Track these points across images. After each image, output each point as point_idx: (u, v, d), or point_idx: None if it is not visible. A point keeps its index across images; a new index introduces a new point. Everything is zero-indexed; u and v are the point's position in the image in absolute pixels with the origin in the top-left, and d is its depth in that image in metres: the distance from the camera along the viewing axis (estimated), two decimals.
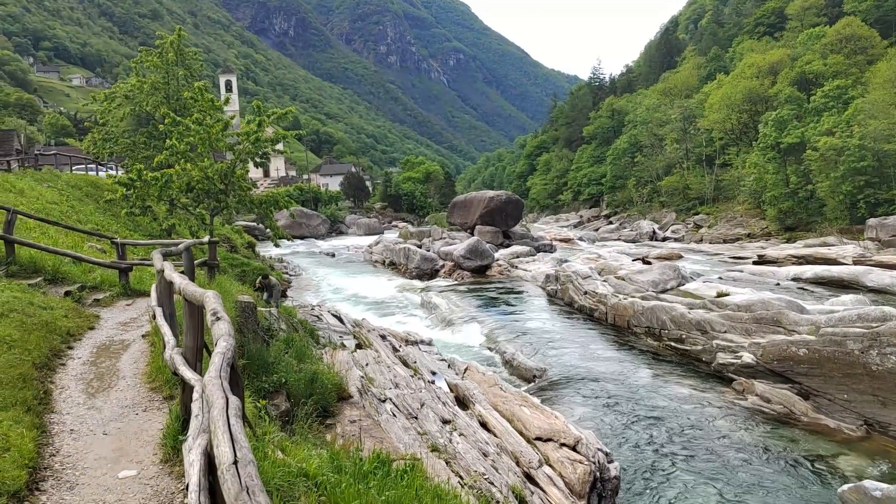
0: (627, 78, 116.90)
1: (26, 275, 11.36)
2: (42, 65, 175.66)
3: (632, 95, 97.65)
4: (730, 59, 78.36)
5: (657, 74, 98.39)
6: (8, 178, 24.94)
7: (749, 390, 15.54)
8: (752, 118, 60.55)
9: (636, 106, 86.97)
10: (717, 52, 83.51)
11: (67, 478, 4.39)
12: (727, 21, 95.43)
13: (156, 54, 30.32)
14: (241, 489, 1.50)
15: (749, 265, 36.41)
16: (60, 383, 6.59)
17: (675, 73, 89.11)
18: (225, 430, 1.79)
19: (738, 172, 58.98)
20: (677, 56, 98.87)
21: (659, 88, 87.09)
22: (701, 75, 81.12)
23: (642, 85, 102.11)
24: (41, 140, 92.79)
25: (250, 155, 20.89)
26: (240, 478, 1.55)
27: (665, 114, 75.41)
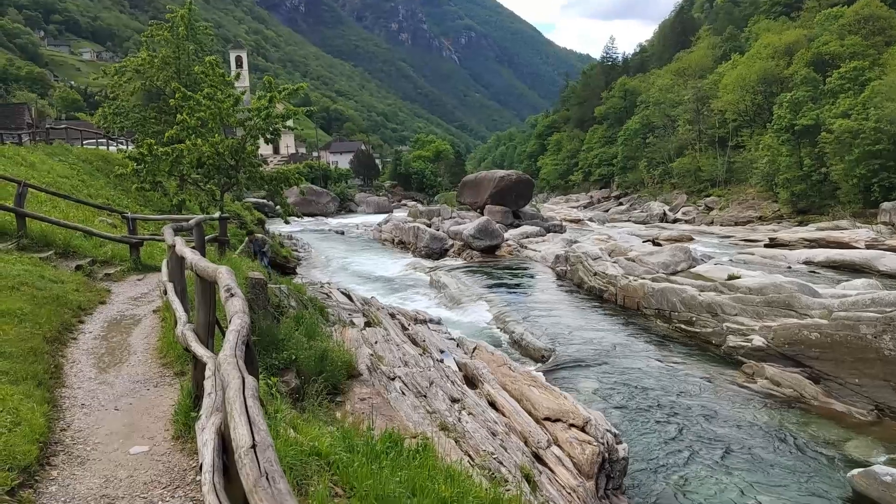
0: (641, 57, 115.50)
1: (37, 248, 11.36)
2: (53, 38, 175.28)
3: (645, 75, 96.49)
4: (745, 39, 77.15)
5: (671, 54, 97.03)
6: (19, 151, 24.95)
7: (759, 374, 15.46)
8: (767, 100, 59.75)
9: (649, 86, 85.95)
10: (733, 32, 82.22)
11: (78, 453, 4.37)
12: (743, 0, 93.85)
13: (166, 28, 30.10)
14: (260, 475, 1.44)
15: (760, 248, 36.16)
16: (72, 357, 6.58)
17: (689, 53, 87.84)
18: (242, 412, 1.73)
19: (751, 154, 58.36)
20: (692, 35, 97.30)
21: (672, 68, 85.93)
22: (715, 55, 79.97)
23: (656, 65, 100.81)
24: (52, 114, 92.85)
25: (261, 131, 20.80)
26: (258, 463, 1.49)
27: (678, 94, 74.51)
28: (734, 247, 38.45)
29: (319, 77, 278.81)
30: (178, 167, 20.67)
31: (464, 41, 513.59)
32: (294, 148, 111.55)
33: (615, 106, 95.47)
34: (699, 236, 43.63)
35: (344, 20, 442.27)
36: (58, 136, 35.93)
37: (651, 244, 36.26)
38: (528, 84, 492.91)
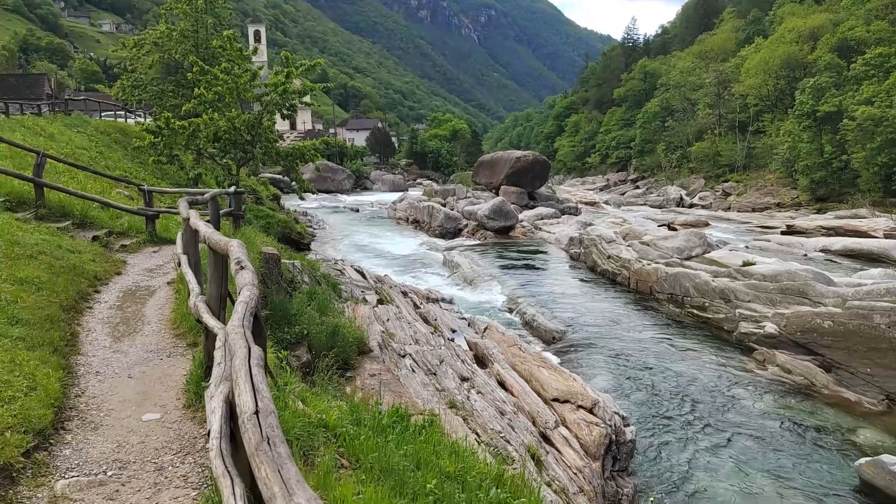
0: (662, 39, 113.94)
1: (55, 218, 11.50)
2: (73, 9, 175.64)
3: (666, 57, 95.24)
4: (769, 23, 75.78)
5: (693, 36, 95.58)
6: (39, 121, 25.15)
7: (770, 361, 15.42)
8: (790, 85, 58.82)
9: (670, 68, 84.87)
10: (757, 15, 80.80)
11: (92, 418, 4.47)
12: None
13: (185, 1, 30.05)
14: (261, 439, 1.49)
15: (777, 235, 35.85)
16: (87, 326, 6.70)
17: (711, 36, 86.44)
18: (247, 380, 1.78)
19: (771, 140, 57.61)
20: (715, 18, 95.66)
21: (694, 51, 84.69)
22: (739, 38, 78.69)
23: (677, 47, 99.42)
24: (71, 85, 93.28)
25: (278, 106, 20.82)
26: (261, 428, 1.53)
27: (699, 77, 73.52)
28: (751, 233, 38.14)
29: (337, 53, 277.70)
30: (195, 141, 20.77)
31: (483, 19, 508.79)
32: (311, 124, 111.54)
33: (635, 88, 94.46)
34: (715, 222, 43.32)
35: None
36: (76, 107, 36.16)
37: (666, 228, 36.04)
38: (547, 64, 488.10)
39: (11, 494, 3.31)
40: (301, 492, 1.27)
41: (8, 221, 9.66)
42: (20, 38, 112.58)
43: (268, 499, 1.30)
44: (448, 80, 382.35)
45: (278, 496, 1.26)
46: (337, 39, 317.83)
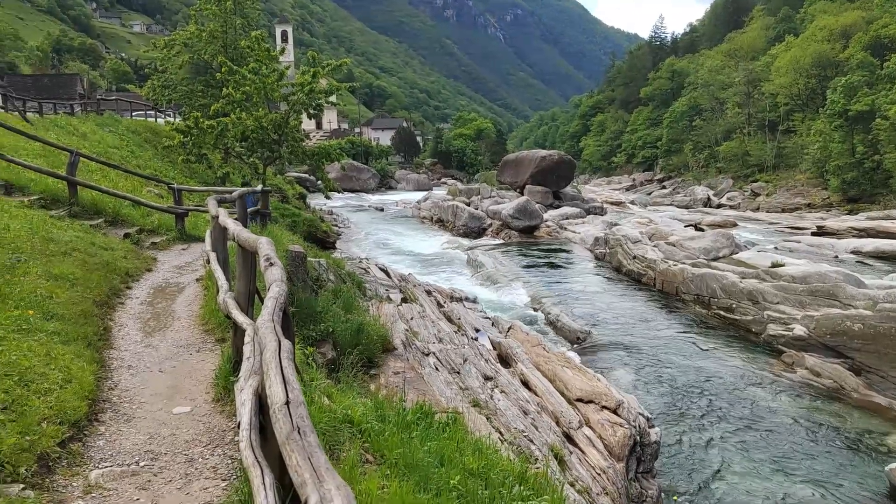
0: (690, 37, 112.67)
1: (88, 216, 11.75)
2: (105, 10, 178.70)
3: (694, 56, 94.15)
4: (800, 21, 74.60)
5: (722, 34, 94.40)
6: (71, 121, 25.70)
7: (799, 363, 15.21)
8: (821, 83, 57.82)
9: (698, 67, 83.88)
10: (787, 13, 79.56)
11: (125, 411, 4.59)
12: None
13: (214, 2, 30.45)
14: (292, 428, 1.54)
15: (807, 236, 35.29)
16: (119, 321, 6.85)
17: (741, 34, 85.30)
18: (277, 372, 1.83)
19: (801, 140, 56.70)
20: (744, 16, 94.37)
21: (723, 49, 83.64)
22: (769, 36, 77.55)
23: (706, 45, 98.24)
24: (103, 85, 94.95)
25: (304, 106, 20.99)
26: (291, 418, 1.59)
27: (728, 76, 72.58)
28: (780, 234, 37.60)
29: (363, 53, 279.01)
30: (223, 140, 21.03)
31: (509, 18, 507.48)
32: (336, 123, 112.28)
33: (662, 87, 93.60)
34: (744, 222, 42.76)
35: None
36: (108, 107, 36.81)
37: (693, 229, 35.68)
38: (573, 63, 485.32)
39: (48, 482, 3.42)
40: (331, 479, 1.32)
41: (42, 219, 9.90)
42: (53, 38, 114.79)
43: (299, 485, 1.35)
44: (473, 80, 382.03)
45: (309, 482, 1.31)
46: (363, 39, 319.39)
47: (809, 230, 37.93)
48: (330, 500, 1.22)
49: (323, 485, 1.29)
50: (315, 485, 1.30)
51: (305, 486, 1.31)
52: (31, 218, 9.42)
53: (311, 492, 1.27)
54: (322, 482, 1.31)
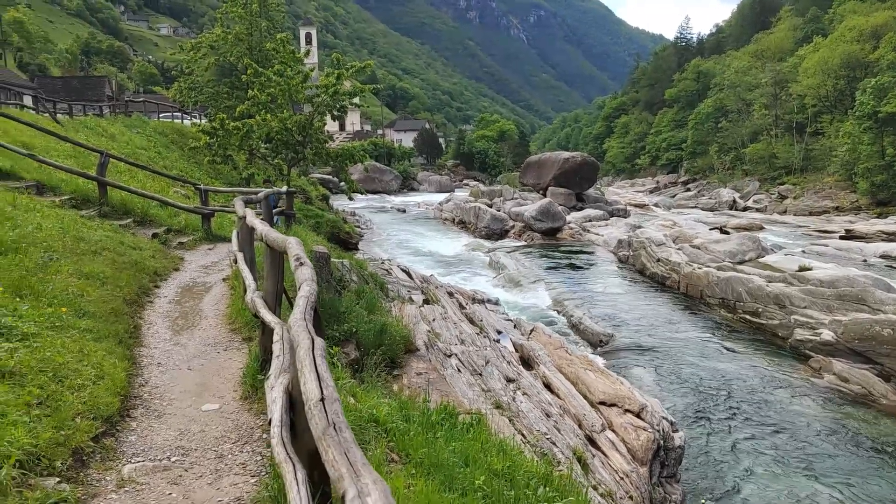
0: (717, 38, 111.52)
1: (117, 216, 11.95)
2: (132, 13, 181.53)
3: (720, 57, 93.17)
4: (829, 21, 73.52)
5: (749, 35, 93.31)
6: (100, 122, 26.14)
7: (826, 369, 15.00)
8: (850, 85, 56.90)
9: (724, 68, 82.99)
10: (816, 13, 78.44)
11: (155, 407, 4.68)
12: None
13: (240, 5, 30.78)
14: (328, 424, 1.57)
15: (835, 240, 34.72)
16: (148, 319, 6.97)
17: (768, 35, 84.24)
18: (311, 369, 1.86)
19: (830, 142, 55.85)
20: (772, 16, 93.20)
21: (750, 50, 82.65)
22: (797, 37, 76.52)
23: (732, 46, 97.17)
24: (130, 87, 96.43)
25: (328, 108, 21.12)
26: (327, 414, 1.61)
27: (755, 77, 71.70)
28: (807, 237, 37.07)
29: (386, 55, 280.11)
30: (248, 141, 21.24)
31: (532, 20, 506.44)
32: (359, 125, 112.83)
33: (687, 88, 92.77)
34: (770, 225, 42.23)
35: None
36: (136, 108, 37.37)
37: (718, 232, 35.31)
38: (596, 65, 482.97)
39: (82, 476, 3.50)
40: (367, 473, 1.35)
41: (73, 218, 10.09)
42: (82, 41, 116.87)
43: (335, 479, 1.38)
44: (496, 81, 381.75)
45: (346, 476, 1.34)
46: (386, 41, 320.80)
47: (837, 234, 37.34)
48: (367, 493, 1.25)
49: (360, 479, 1.32)
50: (352, 479, 1.33)
51: (342, 481, 1.34)
52: (62, 217, 9.60)
53: (349, 486, 1.30)
54: (359, 476, 1.34)
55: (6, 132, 14.57)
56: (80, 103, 32.56)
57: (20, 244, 6.94)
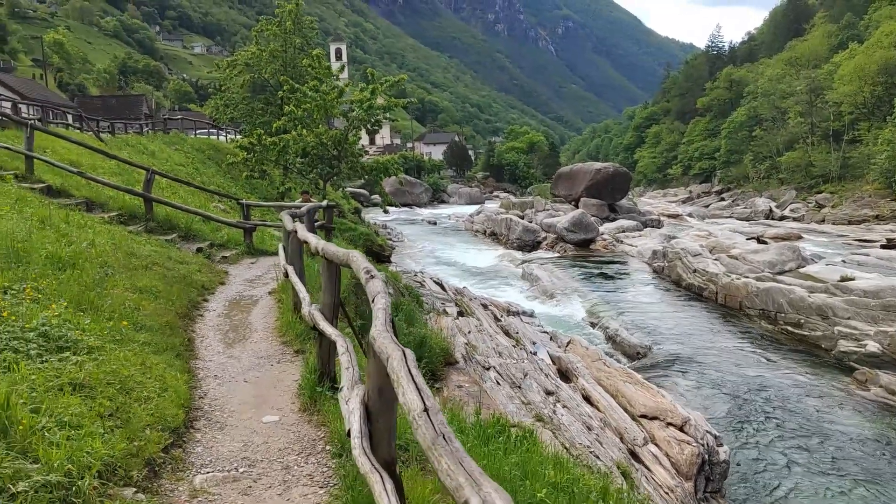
0: (749, 46, 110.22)
1: (162, 231, 12.22)
2: (167, 33, 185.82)
3: (753, 65, 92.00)
4: (864, 27, 72.23)
5: (782, 43, 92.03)
6: (141, 140, 26.79)
7: (872, 381, 14.65)
8: (888, 91, 55.78)
9: (757, 76, 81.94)
10: (851, 20, 77.13)
11: (216, 419, 4.76)
12: None
13: (275, 23, 31.37)
14: (436, 434, 1.60)
15: (876, 249, 33.94)
16: (200, 332, 7.11)
17: (802, 42, 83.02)
18: (409, 380, 1.91)
19: (868, 149, 54.70)
20: (805, 23, 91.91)
21: (784, 58, 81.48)
22: (831, 44, 75.26)
23: (765, 54, 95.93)
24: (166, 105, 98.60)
25: (363, 122, 21.41)
26: (433, 424, 1.65)
27: (790, 85, 70.65)
28: (847, 247, 36.30)
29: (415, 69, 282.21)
30: (285, 157, 21.60)
31: (561, 31, 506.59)
32: (389, 139, 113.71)
33: (719, 97, 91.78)
34: (808, 235, 41.45)
35: (441, 12, 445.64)
36: (174, 125, 38.20)
37: (755, 242, 34.76)
38: (625, 75, 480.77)
39: (156, 486, 3.59)
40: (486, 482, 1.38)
41: (122, 234, 10.35)
42: (119, 61, 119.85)
43: (453, 489, 1.41)
44: (525, 93, 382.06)
45: (465, 486, 1.37)
46: (415, 55, 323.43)
47: (878, 243, 36.50)
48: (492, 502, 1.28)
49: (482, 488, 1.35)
50: (473, 488, 1.36)
51: (462, 490, 1.37)
52: (112, 233, 9.86)
53: (471, 495, 1.33)
54: (480, 486, 1.37)
55: (55, 151, 15.02)
56: (120, 121, 33.41)
57: (77, 260, 7.13)
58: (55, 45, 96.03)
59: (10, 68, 72.84)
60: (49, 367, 4.18)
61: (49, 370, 4.11)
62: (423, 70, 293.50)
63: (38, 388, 3.76)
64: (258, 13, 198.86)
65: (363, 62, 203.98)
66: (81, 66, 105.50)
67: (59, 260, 6.87)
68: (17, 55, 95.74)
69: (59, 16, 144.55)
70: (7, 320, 4.62)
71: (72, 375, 4.13)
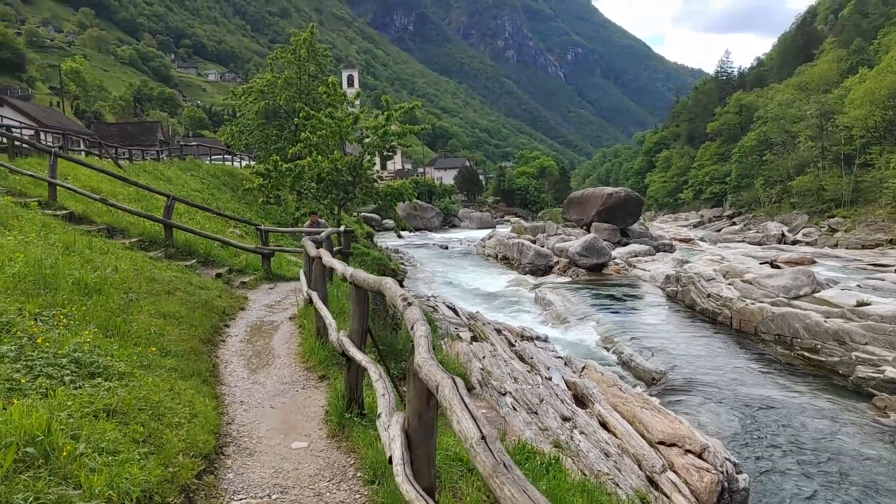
0: (758, 71, 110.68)
1: (182, 256, 12.34)
2: (182, 61, 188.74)
3: (762, 90, 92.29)
4: (874, 52, 72.44)
5: (792, 68, 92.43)
6: (157, 166, 27.12)
7: (891, 408, 14.50)
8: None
9: (767, 101, 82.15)
10: (860, 45, 77.39)
11: (245, 445, 4.79)
12: (872, 11, 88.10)
13: (290, 51, 31.89)
14: (497, 462, 1.64)
15: (891, 273, 33.68)
16: (224, 358, 7.16)
17: (811, 67, 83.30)
18: (463, 408, 1.94)
19: (880, 173, 54.56)
20: (815, 48, 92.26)
21: (793, 83, 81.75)
22: (841, 69, 75.45)
23: (774, 79, 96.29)
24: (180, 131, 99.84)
25: (378, 148, 21.63)
26: (493, 453, 1.69)
27: (800, 109, 70.76)
28: (861, 272, 36.04)
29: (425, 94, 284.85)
30: (300, 182, 21.82)
31: (570, 57, 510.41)
32: (401, 164, 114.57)
33: (729, 122, 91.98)
34: (822, 259, 41.21)
35: (450, 38, 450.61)
36: (189, 151, 38.66)
37: (769, 266, 34.59)
38: (635, 100, 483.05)
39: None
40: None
41: (144, 259, 10.47)
42: (135, 88, 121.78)
43: None
44: (534, 118, 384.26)
45: None
46: (424, 81, 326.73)
47: (893, 267, 36.23)
48: None
49: None
50: None
51: None
52: (134, 259, 9.98)
53: None
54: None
55: (76, 178, 15.26)
56: (136, 148, 33.87)
57: (102, 286, 7.23)
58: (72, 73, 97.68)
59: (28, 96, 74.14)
60: (83, 393, 4.23)
61: (84, 396, 4.17)
62: (432, 96, 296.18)
63: (75, 414, 3.81)
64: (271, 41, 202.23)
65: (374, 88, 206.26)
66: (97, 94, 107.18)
67: (85, 286, 6.96)
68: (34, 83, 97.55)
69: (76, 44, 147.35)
70: (41, 346, 4.69)
71: (105, 401, 4.18)
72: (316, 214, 14.98)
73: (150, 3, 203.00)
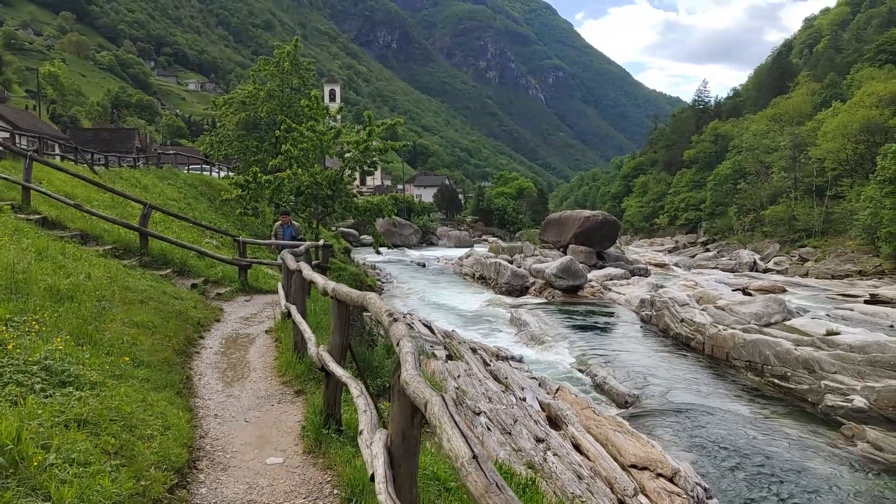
0: (734, 102, 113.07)
1: (157, 265, 12.18)
2: (162, 69, 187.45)
3: (738, 120, 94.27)
4: (847, 87, 74.41)
5: (766, 99, 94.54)
6: (134, 173, 26.80)
7: (859, 436, 14.69)
8: (870, 149, 57.16)
9: (742, 131, 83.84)
10: (834, 79, 79.48)
11: (219, 459, 4.69)
12: (846, 47, 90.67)
13: (273, 63, 31.84)
14: (489, 482, 1.62)
15: (860, 304, 34.30)
16: (198, 370, 7.04)
17: (786, 99, 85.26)
18: (453, 426, 1.92)
19: (851, 205, 55.79)
20: (789, 81, 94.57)
21: (768, 114, 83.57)
22: (815, 102, 77.35)
23: (750, 110, 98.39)
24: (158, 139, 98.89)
25: (358, 163, 21.64)
26: (485, 472, 1.66)
27: (774, 140, 72.27)
28: (831, 301, 36.65)
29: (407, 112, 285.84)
30: (279, 195, 21.71)
31: (551, 80, 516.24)
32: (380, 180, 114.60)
33: (705, 150, 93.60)
34: (792, 288, 41.85)
35: (433, 57, 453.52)
36: (167, 160, 38.28)
37: (741, 293, 35.04)
38: (613, 125, 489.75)
39: None
40: None
41: (118, 267, 10.30)
42: (113, 94, 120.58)
43: None
44: (514, 140, 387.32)
45: None
46: (406, 98, 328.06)
47: (862, 298, 36.89)
48: None
49: None
50: None
51: None
52: (108, 267, 9.81)
53: None
54: None
55: (50, 182, 15.01)
56: (112, 154, 33.44)
57: (74, 292, 7.09)
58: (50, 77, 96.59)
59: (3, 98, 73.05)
60: (54, 401, 4.13)
61: (54, 405, 4.07)
62: (414, 113, 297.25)
63: (46, 423, 3.72)
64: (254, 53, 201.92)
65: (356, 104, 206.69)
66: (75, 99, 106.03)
67: (57, 292, 6.83)
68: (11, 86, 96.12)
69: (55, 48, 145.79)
70: (12, 353, 4.57)
71: (76, 411, 4.09)
72: (288, 215, 14.76)
73: (132, 10, 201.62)
